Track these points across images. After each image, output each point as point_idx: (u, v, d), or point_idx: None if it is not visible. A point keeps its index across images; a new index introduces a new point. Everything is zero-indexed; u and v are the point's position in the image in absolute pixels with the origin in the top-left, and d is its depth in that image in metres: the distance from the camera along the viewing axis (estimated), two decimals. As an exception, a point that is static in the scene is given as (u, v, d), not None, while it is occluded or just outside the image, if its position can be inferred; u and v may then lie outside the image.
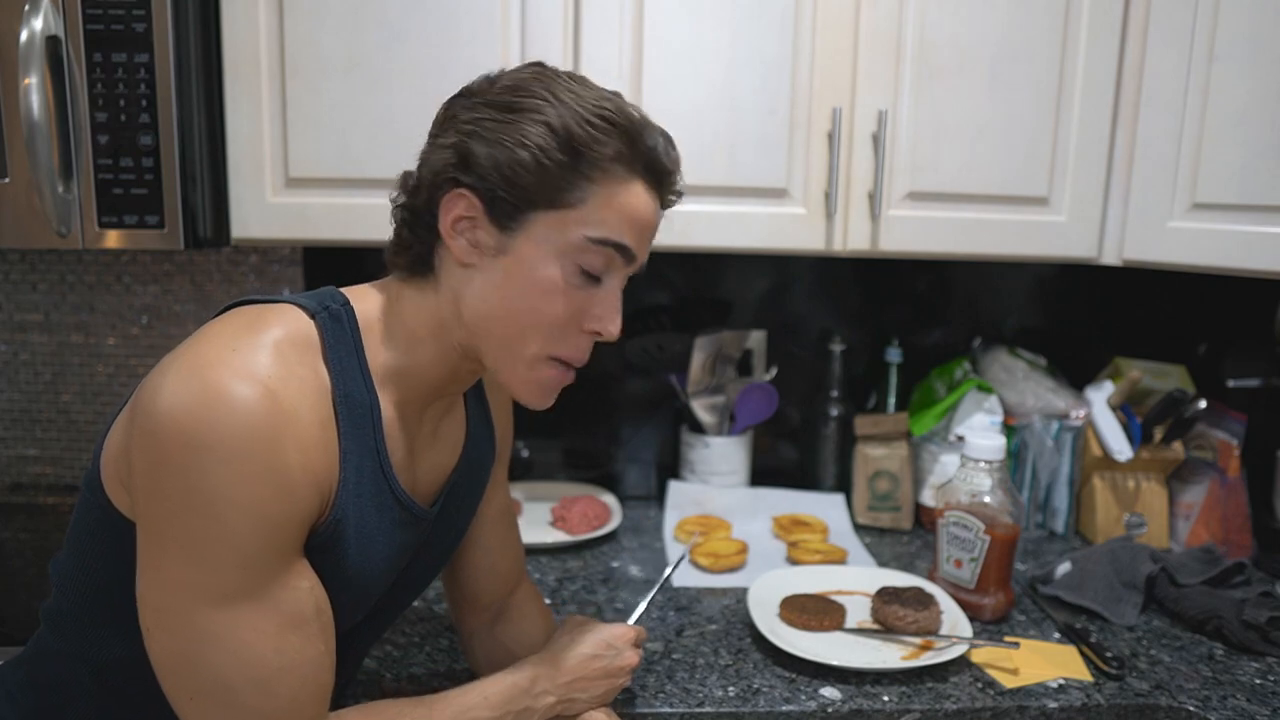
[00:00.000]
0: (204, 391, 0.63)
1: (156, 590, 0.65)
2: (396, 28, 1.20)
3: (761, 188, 1.27)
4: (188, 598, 0.64)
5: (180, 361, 0.65)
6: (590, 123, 0.72)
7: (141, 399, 0.65)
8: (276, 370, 0.67)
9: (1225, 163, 1.21)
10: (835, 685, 1.03)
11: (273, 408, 0.65)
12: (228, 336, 0.68)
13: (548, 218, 0.73)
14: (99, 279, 1.55)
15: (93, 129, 1.12)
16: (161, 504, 0.64)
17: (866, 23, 1.24)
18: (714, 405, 1.58)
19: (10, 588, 1.23)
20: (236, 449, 0.63)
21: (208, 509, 0.63)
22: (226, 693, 0.65)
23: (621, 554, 1.40)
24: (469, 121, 0.73)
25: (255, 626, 0.65)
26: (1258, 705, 1.01)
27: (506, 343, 0.76)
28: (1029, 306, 1.68)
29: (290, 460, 0.66)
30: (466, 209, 0.73)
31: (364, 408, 0.74)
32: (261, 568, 0.66)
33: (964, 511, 1.20)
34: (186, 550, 0.64)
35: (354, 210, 1.23)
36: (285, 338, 0.69)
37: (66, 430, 1.59)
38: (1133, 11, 1.26)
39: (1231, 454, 1.42)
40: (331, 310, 0.74)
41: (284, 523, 0.67)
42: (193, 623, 0.64)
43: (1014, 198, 1.30)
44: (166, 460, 0.63)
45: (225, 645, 0.65)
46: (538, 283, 0.74)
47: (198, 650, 0.65)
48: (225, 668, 0.65)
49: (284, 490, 0.66)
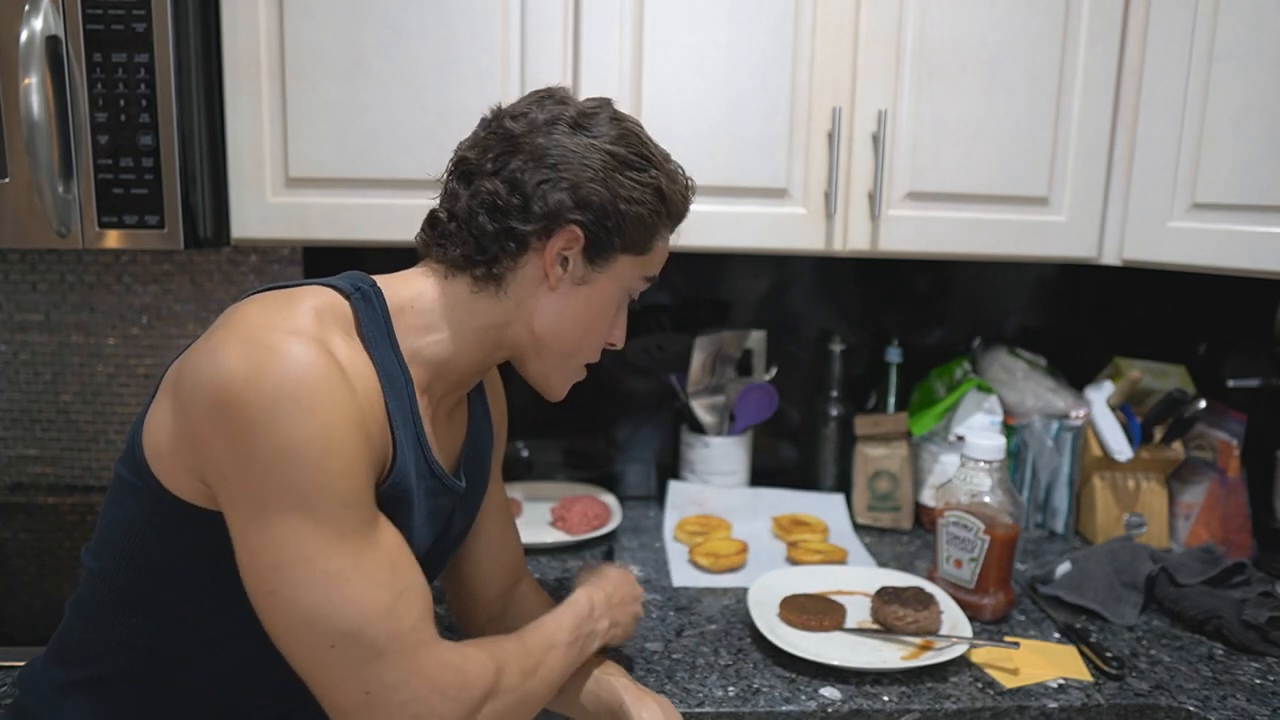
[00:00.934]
0: (267, 351, 0.66)
1: (271, 551, 0.66)
2: (397, 28, 1.20)
3: (761, 188, 1.27)
4: (307, 546, 0.66)
5: (227, 337, 0.67)
6: (681, 193, 0.88)
7: (198, 380, 0.67)
8: (322, 331, 0.70)
9: (1225, 163, 1.21)
10: (835, 685, 1.03)
11: (330, 359, 0.68)
12: (266, 309, 0.71)
13: (630, 261, 0.85)
14: (99, 279, 1.55)
15: (93, 129, 1.12)
16: (255, 468, 0.65)
17: (866, 23, 1.24)
18: (714, 405, 1.58)
19: (10, 588, 1.23)
20: (315, 397, 0.65)
21: (306, 457, 0.65)
22: (362, 629, 0.67)
23: (621, 554, 1.40)
24: (590, 166, 0.81)
25: (373, 558, 0.69)
26: (1258, 705, 1.01)
27: (568, 355, 0.87)
28: (1029, 306, 1.68)
29: (359, 404, 0.69)
30: (570, 241, 0.81)
31: (400, 381, 0.77)
32: (360, 506, 0.69)
33: (964, 511, 1.20)
34: (293, 502, 0.66)
35: (354, 210, 1.23)
36: (323, 306, 0.73)
37: (66, 430, 1.59)
38: (1133, 11, 1.26)
39: (1231, 454, 1.42)
40: (362, 290, 0.78)
41: (367, 463, 0.70)
42: (318, 568, 0.66)
43: (1014, 198, 1.30)
44: (250, 424, 0.64)
45: (352, 581, 0.67)
46: (606, 311, 0.87)
47: (326, 594, 0.67)
48: (358, 602, 0.67)
49: (363, 431, 0.69)
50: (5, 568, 1.29)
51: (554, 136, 0.80)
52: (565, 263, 0.82)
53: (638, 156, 0.83)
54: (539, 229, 0.80)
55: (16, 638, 1.06)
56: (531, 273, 0.82)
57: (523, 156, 0.80)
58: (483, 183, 0.80)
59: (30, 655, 1.01)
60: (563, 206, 0.79)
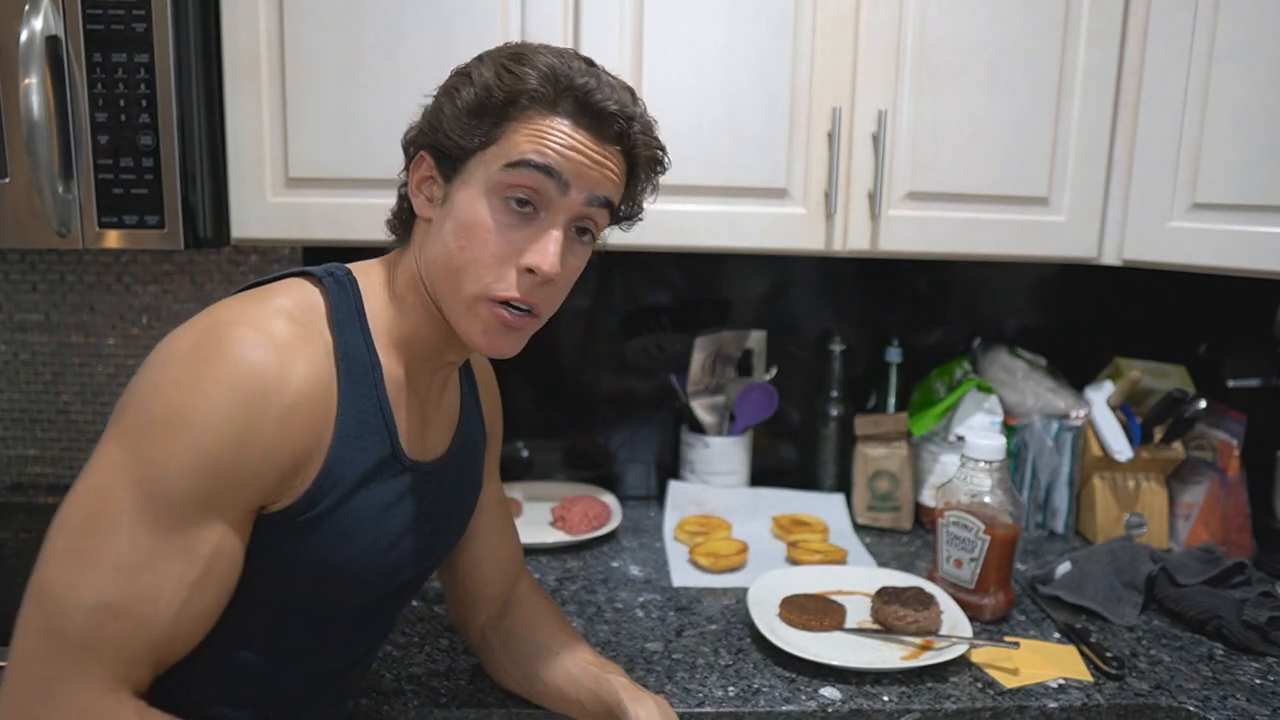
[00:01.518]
0: (212, 332, 0.68)
1: (83, 479, 0.68)
2: (396, 28, 1.20)
3: (761, 188, 1.27)
4: (98, 498, 0.66)
5: (192, 321, 0.71)
6: (507, 68, 0.76)
7: (152, 352, 0.70)
8: (285, 335, 0.70)
9: (1225, 163, 1.21)
10: (835, 685, 1.03)
11: (276, 373, 0.68)
12: (238, 303, 0.72)
13: (480, 159, 0.77)
14: (99, 279, 1.55)
15: (93, 129, 1.12)
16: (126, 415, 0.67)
17: (866, 23, 1.24)
18: (714, 405, 1.58)
19: (10, 587, 1.23)
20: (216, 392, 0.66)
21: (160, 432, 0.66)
22: (57, 608, 0.66)
23: (621, 554, 1.40)
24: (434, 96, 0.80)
25: (120, 554, 0.66)
26: (1258, 705, 1.01)
27: (448, 287, 0.78)
28: (1029, 306, 1.68)
29: (264, 430, 0.68)
30: (427, 170, 0.80)
31: (364, 366, 0.77)
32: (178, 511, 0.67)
33: (964, 511, 1.20)
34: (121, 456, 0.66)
35: (354, 210, 1.23)
36: (293, 305, 0.74)
37: (66, 430, 1.59)
38: (1133, 11, 1.26)
39: (1231, 454, 1.42)
40: (336, 276, 0.79)
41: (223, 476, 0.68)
42: (91, 522, 0.66)
43: (1014, 198, 1.30)
44: (159, 376, 0.67)
45: (95, 556, 0.66)
46: (469, 223, 0.76)
47: (73, 541, 0.66)
48: (65, 584, 0.66)
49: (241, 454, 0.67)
50: (5, 568, 1.29)
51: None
52: (430, 190, 0.80)
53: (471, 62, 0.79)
54: (405, 169, 0.82)
55: (16, 638, 1.05)
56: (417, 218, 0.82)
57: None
58: None
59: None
60: (409, 141, 0.82)
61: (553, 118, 0.76)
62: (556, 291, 0.81)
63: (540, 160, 0.75)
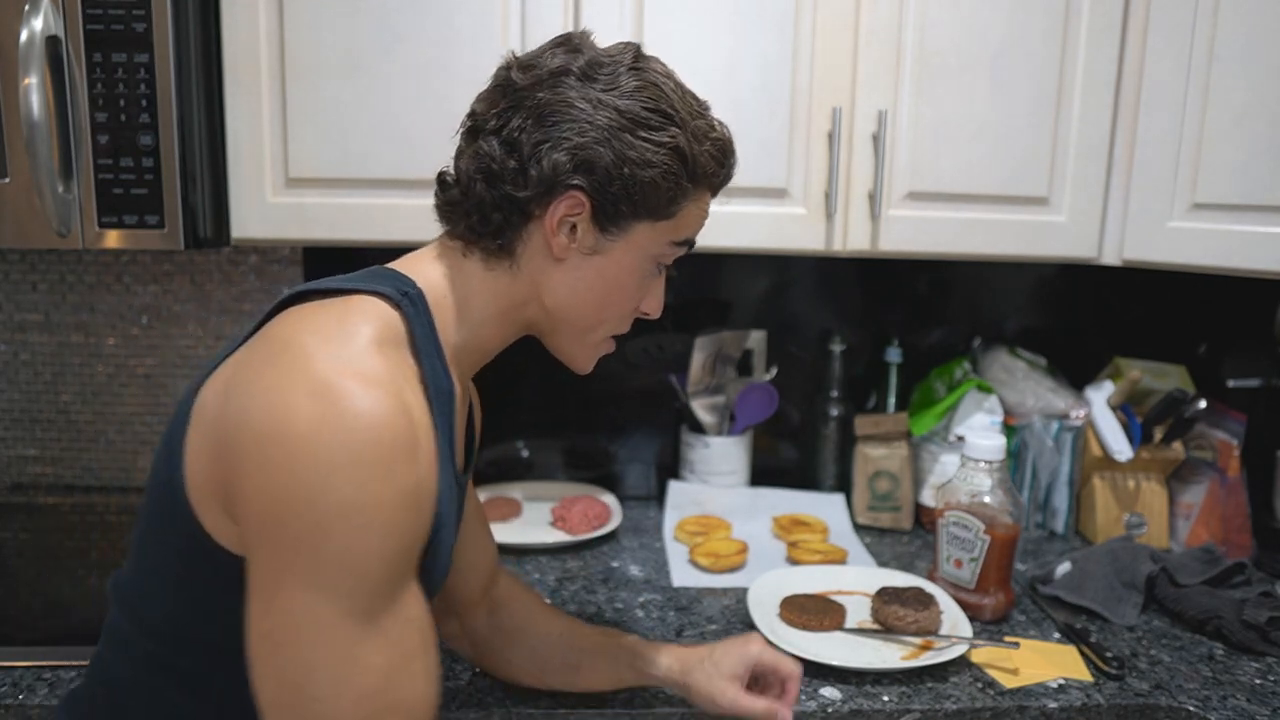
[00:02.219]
0: (335, 404, 0.60)
1: (273, 617, 0.61)
2: (396, 28, 1.20)
3: (761, 188, 1.27)
4: (306, 626, 0.60)
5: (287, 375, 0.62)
6: (710, 153, 0.78)
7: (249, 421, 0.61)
8: (392, 373, 0.64)
9: (1225, 163, 1.21)
10: (835, 685, 1.03)
11: (405, 419, 0.62)
12: (329, 340, 0.64)
13: (650, 228, 0.78)
14: (99, 279, 1.55)
15: (93, 129, 1.12)
16: (288, 530, 0.60)
17: (866, 23, 1.24)
18: (714, 405, 1.58)
19: (10, 587, 1.23)
20: (375, 465, 0.60)
21: (345, 530, 0.59)
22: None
23: (621, 554, 1.40)
24: (594, 125, 0.73)
25: (367, 658, 0.62)
26: (1258, 705, 1.01)
27: (585, 329, 0.81)
28: (1029, 306, 1.68)
29: (422, 474, 0.64)
30: (573, 208, 0.75)
31: (446, 395, 0.74)
32: (386, 592, 0.63)
33: (964, 511, 1.20)
34: (311, 575, 0.60)
35: (354, 210, 1.23)
36: (384, 333, 0.67)
37: (66, 430, 1.59)
38: (1133, 11, 1.26)
39: (1231, 454, 1.42)
40: (410, 296, 0.73)
41: (414, 542, 0.64)
42: (307, 654, 0.61)
43: (1014, 198, 1.30)
44: (297, 482, 0.59)
45: (338, 676, 0.61)
46: (626, 283, 0.79)
47: (308, 681, 0.61)
48: (336, 699, 0.61)
49: (418, 504, 0.64)
50: (5, 568, 1.29)
51: (560, 90, 0.73)
52: (573, 231, 0.75)
53: (653, 113, 0.74)
54: (537, 195, 0.73)
55: (16, 638, 1.05)
56: (539, 244, 0.76)
57: (523, 114, 0.73)
58: (483, 142, 0.75)
59: (30, 655, 1.01)
60: (560, 170, 0.72)
61: (707, 196, 0.82)
62: None
63: (694, 240, 0.83)
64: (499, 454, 1.64)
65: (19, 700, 0.95)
